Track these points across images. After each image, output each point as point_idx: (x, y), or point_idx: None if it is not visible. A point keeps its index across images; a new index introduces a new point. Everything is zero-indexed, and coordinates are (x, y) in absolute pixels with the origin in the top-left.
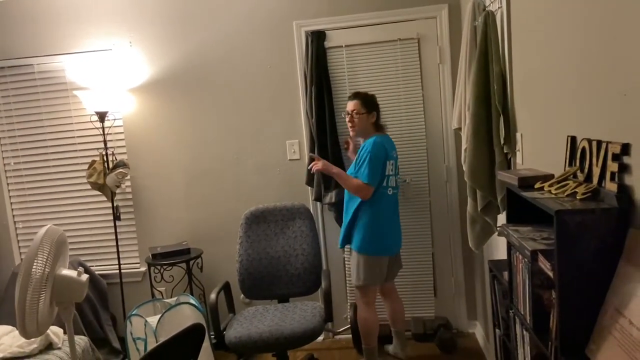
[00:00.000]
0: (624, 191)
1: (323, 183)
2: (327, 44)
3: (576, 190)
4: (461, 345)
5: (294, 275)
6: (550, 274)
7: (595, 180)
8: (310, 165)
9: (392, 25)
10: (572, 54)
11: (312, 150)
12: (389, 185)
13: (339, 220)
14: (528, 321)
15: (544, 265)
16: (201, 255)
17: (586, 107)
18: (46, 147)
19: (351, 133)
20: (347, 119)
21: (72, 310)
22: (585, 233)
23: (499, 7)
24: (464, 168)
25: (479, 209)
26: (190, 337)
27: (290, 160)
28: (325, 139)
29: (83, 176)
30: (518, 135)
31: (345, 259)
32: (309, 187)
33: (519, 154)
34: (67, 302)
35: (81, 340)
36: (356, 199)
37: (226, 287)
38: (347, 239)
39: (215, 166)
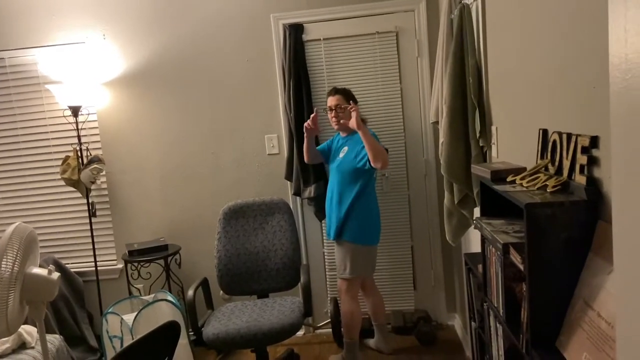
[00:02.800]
0: (593, 184)
1: (302, 177)
2: (305, 37)
3: (547, 183)
4: (440, 337)
5: (273, 271)
6: (522, 266)
7: (565, 173)
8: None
9: (371, 19)
10: (544, 47)
11: (290, 145)
12: (376, 176)
13: (318, 214)
14: (501, 314)
15: (515, 258)
16: (179, 252)
17: (557, 99)
18: (18, 142)
19: (335, 127)
20: (330, 115)
21: (43, 310)
22: (554, 226)
23: (474, 0)
24: (441, 161)
25: (455, 202)
26: (165, 335)
27: (269, 154)
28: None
29: (57, 172)
30: (493, 128)
31: (326, 253)
32: (288, 182)
33: (494, 147)
34: (38, 301)
35: (55, 339)
36: (352, 189)
37: (204, 284)
38: (340, 230)
39: (192, 161)
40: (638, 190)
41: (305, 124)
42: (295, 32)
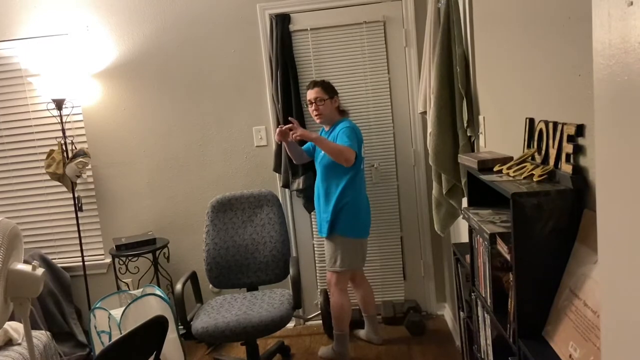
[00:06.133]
0: (579, 172)
1: (291, 169)
2: (292, 27)
3: (533, 172)
4: (430, 327)
5: (262, 263)
6: (508, 256)
7: (551, 161)
8: (283, 128)
9: (358, 8)
10: (530, 35)
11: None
12: (364, 167)
13: (307, 206)
14: (488, 303)
15: (502, 248)
16: (167, 245)
17: (544, 88)
18: (1, 136)
19: (317, 121)
20: (311, 108)
21: (28, 306)
22: (541, 215)
23: None
24: (429, 152)
25: (444, 193)
26: (153, 329)
27: (257, 146)
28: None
29: (41, 166)
30: (481, 118)
31: (315, 245)
32: (277, 174)
33: (481, 137)
34: (22, 297)
35: (42, 335)
36: (337, 183)
37: (193, 277)
38: (331, 227)
39: (180, 154)
40: (622, 178)
41: (276, 139)
42: (282, 22)
